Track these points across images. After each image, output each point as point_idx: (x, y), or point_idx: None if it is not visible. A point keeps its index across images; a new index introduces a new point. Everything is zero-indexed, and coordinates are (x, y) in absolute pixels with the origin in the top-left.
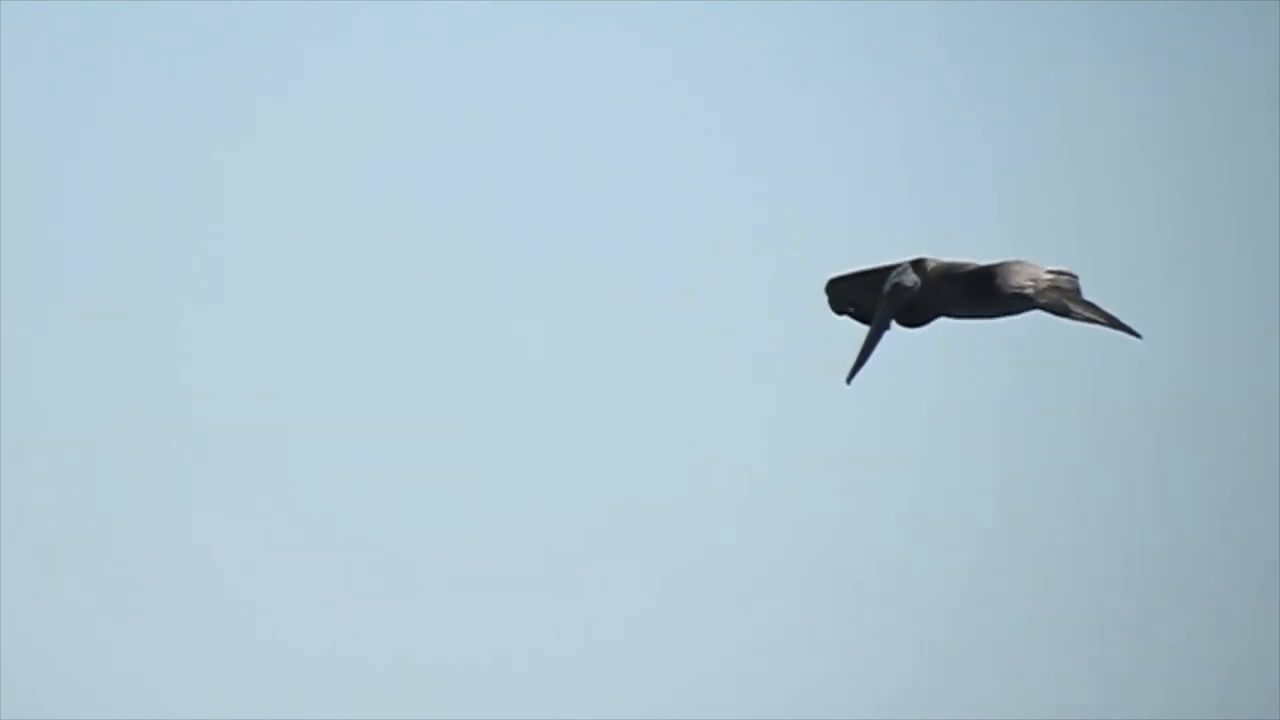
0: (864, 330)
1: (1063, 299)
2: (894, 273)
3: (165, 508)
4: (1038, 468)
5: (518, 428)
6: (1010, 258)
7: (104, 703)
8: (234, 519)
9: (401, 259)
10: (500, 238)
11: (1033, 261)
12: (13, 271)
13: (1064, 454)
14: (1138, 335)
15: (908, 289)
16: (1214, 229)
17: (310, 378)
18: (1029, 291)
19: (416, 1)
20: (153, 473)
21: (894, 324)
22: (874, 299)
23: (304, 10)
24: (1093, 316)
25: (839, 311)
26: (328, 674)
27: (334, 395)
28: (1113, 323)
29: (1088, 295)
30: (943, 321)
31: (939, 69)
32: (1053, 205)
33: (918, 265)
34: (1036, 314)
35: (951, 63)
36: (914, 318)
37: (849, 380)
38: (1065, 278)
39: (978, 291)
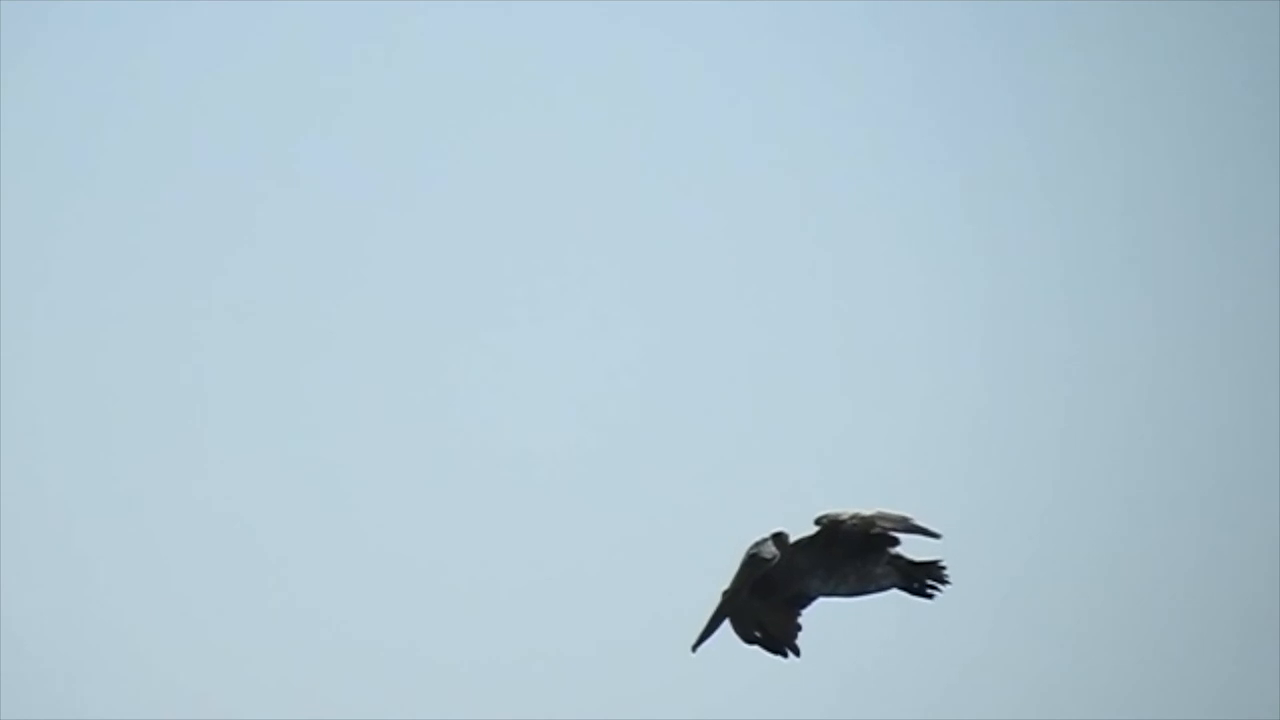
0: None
1: (873, 519)
2: (754, 543)
3: (180, 501)
4: None
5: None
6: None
7: (121, 689)
8: (249, 513)
9: (421, 254)
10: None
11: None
12: (17, 266)
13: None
14: (937, 536)
15: (765, 560)
16: (1213, 232)
17: (326, 375)
18: (843, 517)
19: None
20: (165, 463)
21: (756, 640)
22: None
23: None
24: (889, 526)
25: (747, 640)
26: (343, 662)
27: (343, 389)
28: (910, 527)
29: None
30: None
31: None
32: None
33: (778, 538)
34: None
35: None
36: (773, 599)
37: (694, 648)
38: (896, 519)
39: (826, 553)
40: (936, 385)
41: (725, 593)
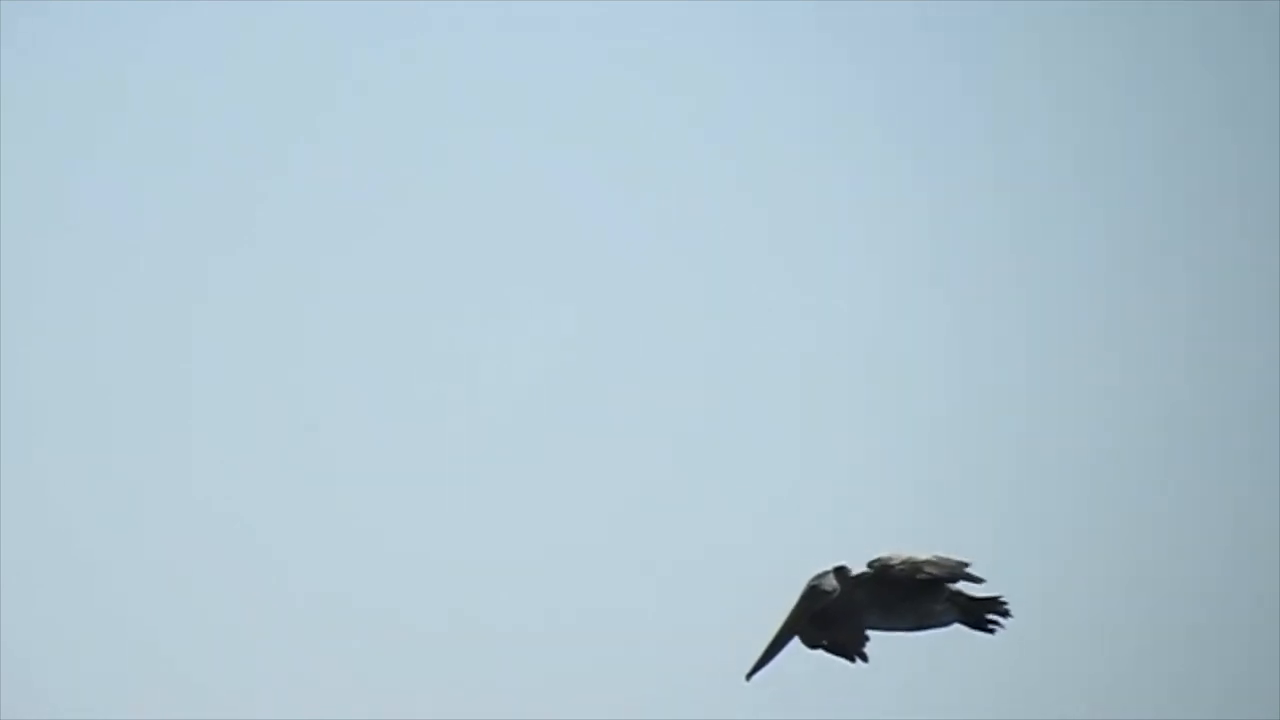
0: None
1: (921, 564)
2: (815, 575)
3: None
4: None
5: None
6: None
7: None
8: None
9: (418, 252)
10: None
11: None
12: (14, 265)
13: None
14: (982, 581)
15: (826, 593)
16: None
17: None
18: (893, 562)
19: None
20: (165, 464)
21: (822, 647)
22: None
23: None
24: (937, 573)
25: (811, 646)
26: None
27: (342, 389)
28: (960, 574)
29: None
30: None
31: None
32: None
33: (840, 572)
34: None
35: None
36: (833, 630)
37: (749, 676)
38: (947, 565)
39: (881, 590)
40: (915, 386)
41: (784, 623)
